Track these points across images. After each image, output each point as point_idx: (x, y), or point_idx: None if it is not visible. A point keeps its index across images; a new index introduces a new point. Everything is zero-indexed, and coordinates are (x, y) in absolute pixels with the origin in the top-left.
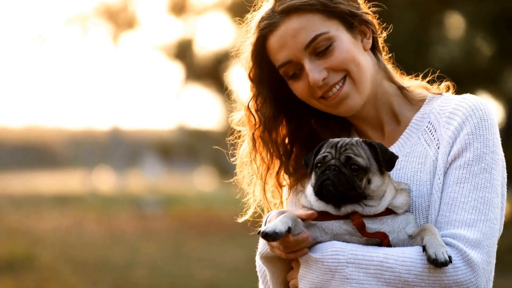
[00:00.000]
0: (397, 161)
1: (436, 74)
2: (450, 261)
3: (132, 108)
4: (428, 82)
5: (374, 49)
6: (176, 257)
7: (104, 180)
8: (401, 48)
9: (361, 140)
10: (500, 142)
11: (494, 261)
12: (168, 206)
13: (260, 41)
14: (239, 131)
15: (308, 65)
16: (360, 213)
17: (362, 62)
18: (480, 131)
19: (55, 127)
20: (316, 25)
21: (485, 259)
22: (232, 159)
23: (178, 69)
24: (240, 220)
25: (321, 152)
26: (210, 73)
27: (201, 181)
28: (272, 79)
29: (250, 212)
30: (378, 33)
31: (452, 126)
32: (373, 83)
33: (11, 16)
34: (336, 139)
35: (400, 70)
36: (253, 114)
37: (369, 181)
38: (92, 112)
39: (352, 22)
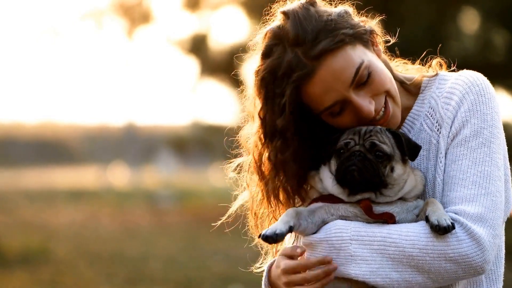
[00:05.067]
0: None
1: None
2: (453, 227)
3: (147, 103)
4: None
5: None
6: (191, 250)
7: (119, 175)
8: (417, 42)
9: (384, 128)
10: (500, 116)
11: (500, 233)
12: (183, 200)
13: (294, 93)
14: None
15: (357, 100)
16: (372, 200)
17: (389, 75)
18: (478, 106)
19: (70, 123)
20: (352, 59)
21: (490, 232)
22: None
23: (192, 64)
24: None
25: (342, 139)
26: (225, 67)
27: (216, 176)
28: (303, 127)
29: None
30: (381, 35)
31: (451, 106)
32: None
33: (26, 11)
34: (359, 127)
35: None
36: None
37: (392, 169)
38: (106, 108)
39: (367, 39)
